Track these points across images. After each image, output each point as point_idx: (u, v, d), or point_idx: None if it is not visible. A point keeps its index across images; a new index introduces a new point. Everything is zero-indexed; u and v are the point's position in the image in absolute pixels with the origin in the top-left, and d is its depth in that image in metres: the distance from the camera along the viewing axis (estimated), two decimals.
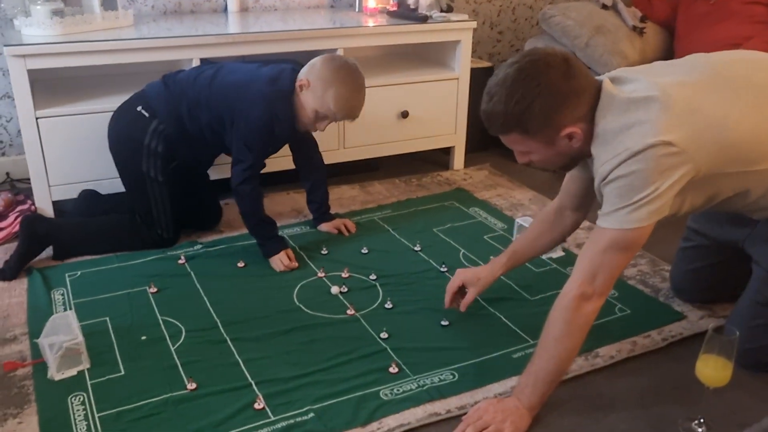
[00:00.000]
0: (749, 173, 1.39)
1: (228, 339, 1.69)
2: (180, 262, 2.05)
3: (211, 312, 1.80)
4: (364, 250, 2.15)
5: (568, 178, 1.68)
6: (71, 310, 1.76)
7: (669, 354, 1.69)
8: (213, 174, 2.41)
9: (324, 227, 2.29)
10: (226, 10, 2.80)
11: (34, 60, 2.08)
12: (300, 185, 2.36)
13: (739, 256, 1.68)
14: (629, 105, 1.33)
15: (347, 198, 2.58)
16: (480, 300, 1.88)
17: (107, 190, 2.31)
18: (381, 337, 1.70)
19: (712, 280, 1.83)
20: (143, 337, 1.69)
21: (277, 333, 1.72)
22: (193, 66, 2.26)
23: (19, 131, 2.41)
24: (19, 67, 2.06)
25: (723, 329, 1.35)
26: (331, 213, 2.33)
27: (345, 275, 2.00)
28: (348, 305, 1.84)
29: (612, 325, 1.78)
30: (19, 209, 2.27)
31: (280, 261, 2.03)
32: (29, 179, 2.25)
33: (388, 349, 1.66)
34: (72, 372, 1.55)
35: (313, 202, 2.31)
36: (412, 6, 2.75)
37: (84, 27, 2.24)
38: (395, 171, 2.86)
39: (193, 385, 1.51)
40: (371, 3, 2.81)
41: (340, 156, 2.64)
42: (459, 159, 2.91)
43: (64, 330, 1.56)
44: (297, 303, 1.86)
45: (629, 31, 2.82)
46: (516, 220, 2.27)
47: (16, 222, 2.17)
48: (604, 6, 2.89)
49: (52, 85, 2.41)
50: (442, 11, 2.74)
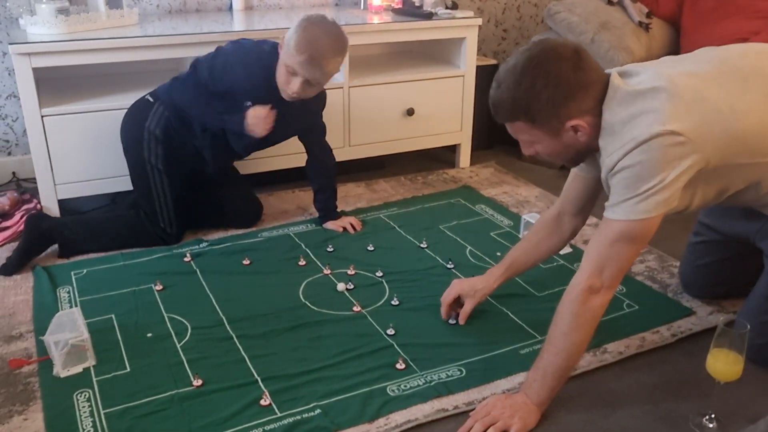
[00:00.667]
0: (760, 165, 1.37)
1: (234, 336, 1.68)
2: (186, 259, 2.04)
3: (217, 309, 1.80)
4: (370, 247, 2.14)
5: (568, 183, 1.66)
6: (77, 307, 1.76)
7: (678, 350, 1.67)
8: (244, 169, 2.43)
9: (330, 225, 2.29)
10: (231, 8, 2.80)
11: (39, 58, 2.08)
12: (306, 183, 2.35)
13: (750, 251, 1.66)
14: (636, 96, 1.32)
15: (353, 196, 2.57)
16: (487, 296, 1.86)
17: (113, 188, 2.32)
18: (387, 334, 1.69)
19: (722, 275, 1.81)
20: (149, 335, 1.68)
21: (284, 330, 1.71)
22: None
23: (25, 131, 2.42)
24: (25, 66, 2.06)
25: (734, 324, 1.34)
26: (337, 211, 2.33)
27: (351, 272, 1.99)
28: (354, 302, 1.83)
29: (620, 321, 1.76)
30: (25, 208, 2.27)
31: (254, 115, 1.95)
32: (35, 179, 2.25)
33: (394, 345, 1.65)
34: (77, 369, 1.54)
35: (320, 201, 2.31)
36: (417, 3, 2.74)
37: (89, 25, 2.24)
38: (401, 169, 2.86)
39: (199, 382, 1.50)
40: (376, 0, 2.80)
41: (345, 154, 2.63)
42: (465, 157, 2.90)
43: (69, 327, 1.56)
44: (303, 300, 1.85)
45: (635, 27, 2.80)
46: (522, 216, 2.26)
47: (21, 221, 2.17)
48: (609, 2, 2.87)
49: (57, 84, 2.41)
50: (447, 8, 2.73)
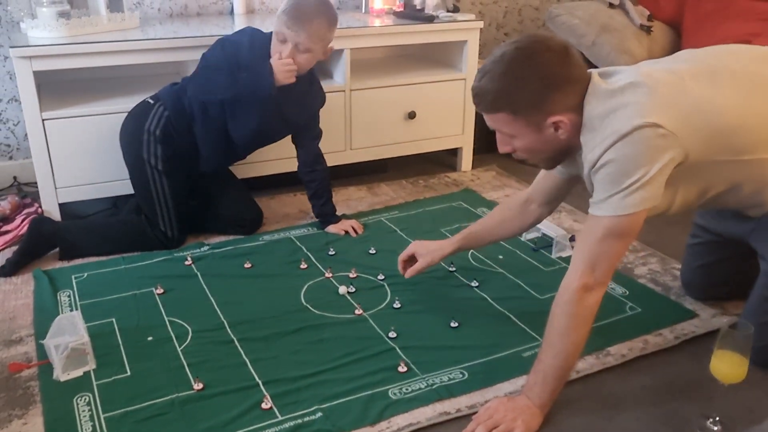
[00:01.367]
0: (739, 163, 1.37)
1: (235, 339, 1.67)
2: (187, 263, 2.04)
3: (218, 312, 1.79)
4: (371, 250, 2.14)
5: (541, 175, 1.68)
6: (77, 310, 1.75)
7: (681, 352, 1.66)
8: (244, 172, 2.43)
9: (331, 229, 2.28)
10: (232, 12, 2.80)
11: (40, 61, 2.08)
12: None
13: (747, 251, 1.66)
14: (615, 92, 1.33)
15: (354, 199, 2.57)
16: (489, 299, 1.87)
17: (114, 192, 2.31)
18: (389, 337, 1.68)
19: (720, 276, 1.81)
20: (150, 338, 1.67)
21: (285, 333, 1.70)
22: None
23: (26, 135, 2.42)
24: (26, 69, 2.06)
25: (737, 325, 1.33)
26: (338, 215, 2.32)
27: (353, 275, 1.98)
28: (356, 305, 1.82)
29: (623, 324, 1.75)
30: (26, 212, 2.26)
31: (279, 62, 1.94)
32: (36, 183, 2.25)
33: (396, 349, 1.64)
34: (78, 373, 1.53)
35: (316, 207, 2.29)
36: (418, 6, 2.74)
37: (90, 29, 2.24)
38: (403, 172, 2.85)
39: (200, 386, 1.50)
40: (377, 4, 2.80)
41: (346, 157, 2.63)
42: (466, 160, 2.89)
43: (69, 330, 1.55)
44: (304, 303, 1.84)
45: (636, 30, 2.81)
46: None
47: (22, 225, 2.17)
48: (611, 5, 2.87)
49: (58, 88, 2.41)
50: (448, 11, 2.73)
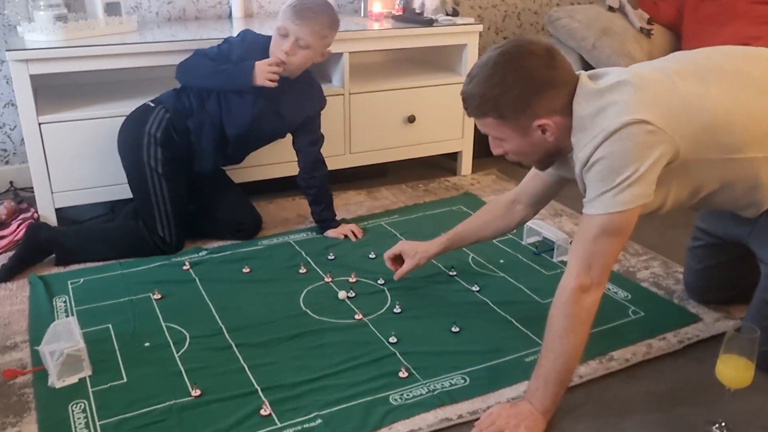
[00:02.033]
0: (730, 162, 1.37)
1: (233, 345, 1.65)
2: (185, 268, 2.01)
3: (216, 318, 1.77)
4: (371, 254, 2.12)
5: (529, 176, 1.69)
6: (73, 316, 1.73)
7: (686, 356, 1.64)
8: (243, 176, 2.43)
9: (330, 233, 2.26)
10: (230, 16, 2.79)
11: (36, 65, 2.07)
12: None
13: (748, 253, 1.64)
14: (603, 91, 1.34)
15: (354, 204, 2.55)
16: (490, 303, 1.85)
17: (111, 196, 2.29)
18: (390, 342, 1.66)
19: (722, 278, 1.79)
20: (146, 344, 1.65)
21: (284, 338, 1.68)
22: None
23: (23, 139, 2.40)
24: (22, 72, 2.04)
25: (743, 329, 1.31)
26: (337, 219, 2.30)
27: (352, 280, 1.96)
28: (356, 310, 1.80)
29: (626, 328, 1.73)
30: (22, 217, 2.24)
31: (262, 69, 1.99)
32: (32, 188, 2.23)
33: (397, 354, 1.62)
34: (73, 379, 1.51)
35: (316, 213, 2.28)
36: (417, 10, 2.73)
37: (87, 32, 2.22)
38: (402, 177, 2.83)
39: (198, 392, 1.47)
40: (376, 8, 2.79)
41: (346, 161, 2.62)
42: (466, 164, 2.88)
43: (65, 336, 1.53)
44: (303, 308, 1.82)
45: (636, 33, 2.80)
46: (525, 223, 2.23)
47: (18, 230, 2.14)
48: (610, 8, 2.87)
49: (55, 92, 2.39)
50: (447, 15, 2.72)
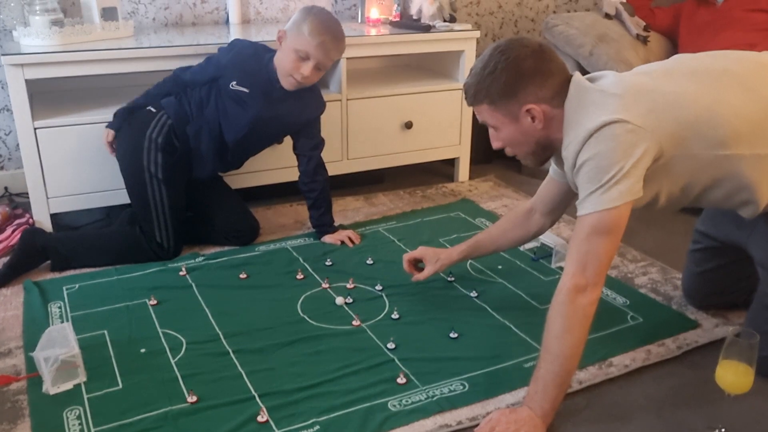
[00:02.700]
0: (717, 158, 1.38)
1: (230, 351, 1.64)
2: (181, 273, 2.00)
3: (213, 324, 1.75)
4: (369, 260, 2.11)
5: (544, 184, 1.74)
6: (68, 322, 1.71)
7: (685, 362, 1.64)
8: (241, 182, 2.42)
9: (328, 239, 2.25)
10: (227, 21, 2.79)
11: (32, 69, 2.06)
12: (303, 197, 2.31)
13: (746, 257, 1.64)
14: (589, 90, 1.39)
15: (351, 209, 2.54)
16: (489, 309, 1.84)
17: (107, 202, 2.28)
18: (388, 348, 1.65)
19: (721, 283, 1.79)
20: (142, 350, 1.64)
21: (281, 344, 1.66)
22: None
23: (18, 145, 2.39)
24: (17, 77, 2.03)
25: (742, 334, 1.31)
26: (334, 225, 2.29)
27: (350, 286, 1.95)
28: (353, 316, 1.79)
29: (625, 334, 1.73)
30: (17, 223, 2.22)
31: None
32: (27, 194, 2.22)
33: (395, 360, 1.61)
34: (68, 386, 1.49)
35: (314, 217, 2.27)
36: (414, 16, 2.73)
37: (83, 37, 2.21)
38: (400, 183, 2.83)
39: (194, 398, 1.46)
40: (374, 14, 2.79)
41: (343, 167, 2.61)
42: (464, 170, 2.87)
43: (60, 342, 1.51)
44: (301, 314, 1.81)
45: (633, 40, 2.80)
46: None
47: (13, 235, 2.13)
48: (607, 15, 2.87)
49: (51, 98, 2.38)
50: (445, 21, 2.72)
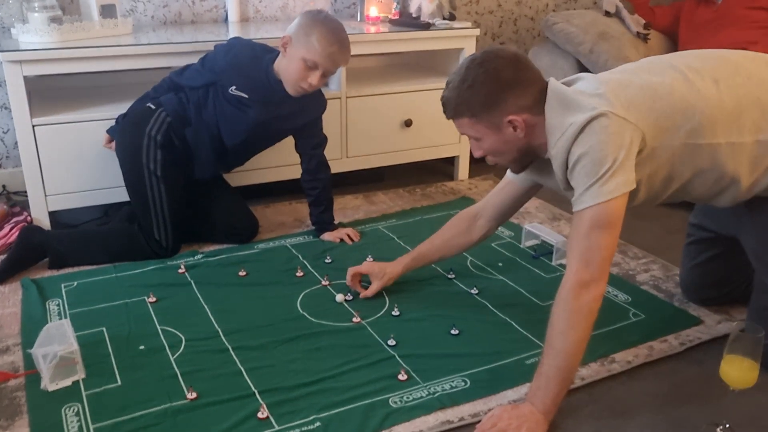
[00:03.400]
0: (695, 148, 1.40)
1: (230, 348, 1.62)
2: (180, 271, 1.99)
3: (212, 321, 1.74)
4: (369, 258, 2.09)
5: (498, 188, 1.76)
6: (66, 319, 1.70)
7: (687, 359, 1.63)
8: (240, 180, 2.41)
9: (327, 236, 2.24)
10: (226, 20, 2.78)
11: (30, 66, 2.05)
12: (303, 195, 2.30)
13: (739, 247, 1.64)
14: (569, 92, 1.41)
15: (351, 208, 2.53)
16: (489, 306, 1.83)
17: (106, 200, 2.27)
18: (388, 345, 1.64)
19: (715, 274, 1.78)
20: (141, 347, 1.62)
21: (281, 341, 1.65)
22: None
23: (16, 143, 2.38)
24: (16, 74, 2.02)
25: (746, 328, 1.30)
26: (334, 223, 2.28)
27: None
28: (354, 313, 1.78)
29: (627, 331, 1.72)
30: (15, 221, 2.21)
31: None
32: (26, 192, 2.21)
33: (396, 357, 1.59)
34: (66, 382, 1.48)
35: (314, 214, 2.26)
36: (414, 14, 2.72)
37: (82, 34, 2.20)
38: (399, 181, 2.82)
39: (194, 395, 1.45)
40: (373, 12, 2.79)
41: (343, 165, 2.60)
42: (463, 169, 2.87)
43: (58, 339, 1.50)
44: (301, 311, 1.80)
45: (633, 38, 2.80)
46: (524, 226, 2.23)
47: (11, 233, 2.12)
48: (607, 13, 2.87)
49: (49, 96, 2.37)
50: (444, 19, 2.72)
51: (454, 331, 1.69)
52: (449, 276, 1.99)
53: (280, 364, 1.57)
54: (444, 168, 2.95)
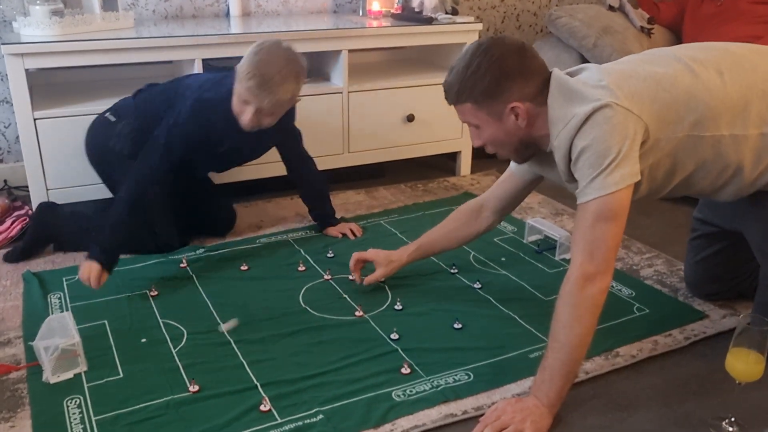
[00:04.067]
0: (699, 140, 1.39)
1: (232, 341, 1.62)
2: (182, 265, 1.98)
3: (214, 314, 1.73)
4: None
5: (500, 180, 1.75)
6: (68, 311, 1.69)
7: (692, 353, 1.62)
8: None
9: (330, 231, 2.23)
10: (228, 14, 2.76)
11: (32, 59, 2.04)
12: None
13: (743, 241, 1.63)
14: (572, 82, 1.39)
15: (353, 203, 2.52)
16: (492, 300, 1.82)
17: (107, 193, 2.24)
18: (391, 338, 1.63)
19: (720, 268, 1.77)
20: (143, 340, 1.62)
21: (283, 335, 1.65)
22: (195, 69, 2.23)
23: (18, 137, 2.37)
24: (17, 67, 2.02)
25: (752, 321, 1.29)
26: (336, 217, 2.27)
27: (352, 277, 1.93)
28: (356, 307, 1.77)
29: (631, 325, 1.71)
30: (16, 214, 2.20)
31: (89, 269, 1.73)
32: (27, 187, 2.20)
33: (399, 350, 1.59)
34: (68, 375, 1.48)
35: (313, 211, 2.26)
36: (416, 9, 2.72)
37: (83, 27, 2.20)
38: (401, 177, 2.81)
39: (196, 388, 1.44)
40: (375, 6, 2.78)
41: (344, 160, 2.59)
42: (466, 164, 2.86)
43: (60, 332, 1.50)
44: (303, 305, 1.79)
45: (637, 32, 2.79)
46: (527, 221, 2.22)
47: (12, 226, 2.11)
48: (610, 7, 2.86)
49: (51, 90, 2.36)
50: (447, 13, 2.71)
51: (457, 325, 1.69)
52: (452, 271, 1.98)
53: (282, 357, 1.56)
54: (446, 163, 2.94)
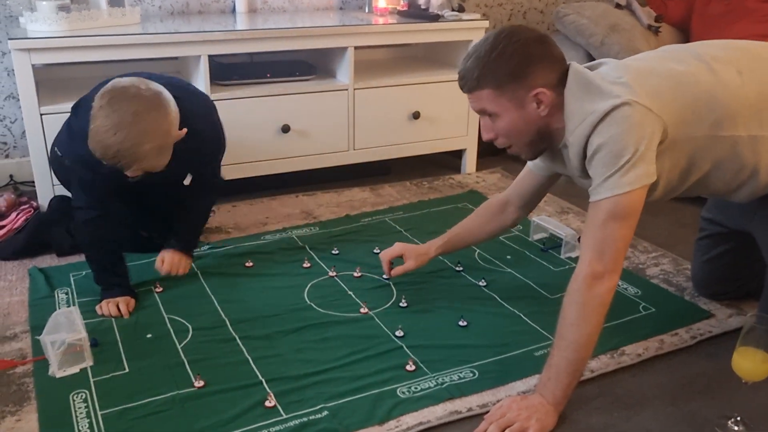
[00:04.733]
0: (716, 140, 1.37)
1: (237, 337, 1.62)
2: None
3: (219, 311, 1.74)
4: (375, 249, 2.08)
5: (520, 177, 1.72)
6: (75, 306, 1.69)
7: (699, 352, 1.61)
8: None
9: (162, 254, 1.87)
10: (234, 11, 2.76)
11: (38, 54, 2.04)
12: (310, 187, 2.28)
13: (752, 242, 1.62)
14: (591, 76, 1.36)
15: (358, 200, 2.52)
16: (498, 298, 1.82)
17: None
18: (396, 335, 1.63)
19: (727, 269, 1.76)
20: (149, 335, 1.62)
21: (288, 331, 1.65)
22: (201, 65, 2.24)
23: (24, 133, 2.38)
24: (24, 62, 2.02)
25: (759, 319, 1.28)
26: (190, 253, 1.93)
27: (357, 274, 1.93)
28: (361, 304, 1.77)
29: (637, 324, 1.70)
30: (21, 209, 2.21)
31: (107, 306, 1.70)
32: (33, 182, 2.20)
33: (404, 347, 1.59)
34: (74, 369, 1.48)
35: (175, 229, 1.93)
36: (422, 6, 2.71)
37: (90, 23, 2.20)
38: (406, 174, 2.80)
39: (201, 383, 1.44)
40: (381, 3, 2.77)
41: (350, 157, 2.59)
42: (471, 162, 2.85)
43: (66, 326, 1.50)
44: (308, 301, 1.79)
45: (644, 30, 2.78)
46: (533, 219, 2.21)
47: (17, 219, 2.12)
48: (618, 5, 2.85)
49: (57, 86, 2.37)
50: (453, 11, 2.70)
51: (462, 323, 1.68)
52: (457, 268, 1.98)
53: (287, 353, 1.56)
54: (451, 161, 2.93)
